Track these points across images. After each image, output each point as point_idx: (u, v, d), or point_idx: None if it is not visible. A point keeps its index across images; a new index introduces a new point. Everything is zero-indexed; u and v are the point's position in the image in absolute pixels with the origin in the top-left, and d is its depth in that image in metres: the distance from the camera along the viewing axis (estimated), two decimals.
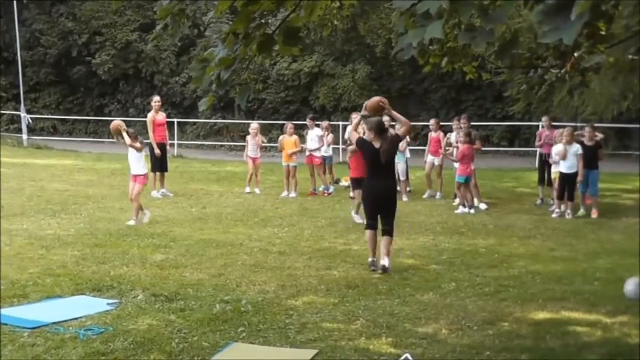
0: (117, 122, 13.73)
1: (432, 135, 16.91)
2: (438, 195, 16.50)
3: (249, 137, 17.47)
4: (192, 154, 27.04)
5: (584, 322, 7.08)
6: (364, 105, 9.58)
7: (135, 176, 12.85)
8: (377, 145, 9.26)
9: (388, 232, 9.40)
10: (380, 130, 9.41)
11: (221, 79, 4.11)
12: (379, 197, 9.45)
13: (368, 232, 9.53)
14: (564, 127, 15.02)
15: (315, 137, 17.32)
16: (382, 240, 9.31)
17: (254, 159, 17.14)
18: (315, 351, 6.12)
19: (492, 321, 7.06)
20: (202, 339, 6.45)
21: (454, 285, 8.49)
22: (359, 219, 12.49)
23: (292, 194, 16.63)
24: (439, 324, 6.99)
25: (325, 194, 16.93)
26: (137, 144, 13.11)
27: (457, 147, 15.30)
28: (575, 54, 6.81)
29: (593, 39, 6.08)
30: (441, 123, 17.96)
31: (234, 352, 6.16)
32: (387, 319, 7.12)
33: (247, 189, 16.89)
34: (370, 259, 9.38)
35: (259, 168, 17.30)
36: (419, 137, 25.18)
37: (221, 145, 30.79)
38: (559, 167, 14.18)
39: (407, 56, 3.32)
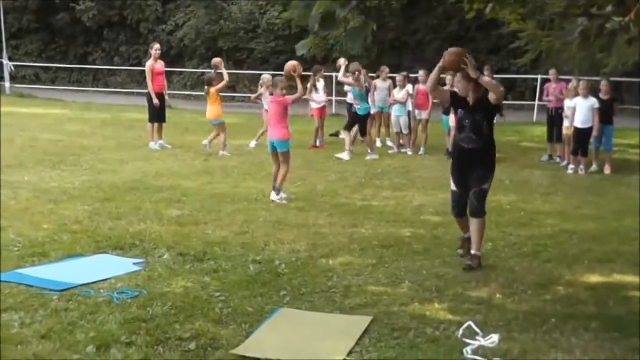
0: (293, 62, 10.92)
1: (420, 87, 16.33)
2: (422, 150, 16.05)
3: (262, 90, 16.51)
4: (181, 104, 26.41)
5: None
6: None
7: None
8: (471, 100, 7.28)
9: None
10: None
11: (337, 16, 3.59)
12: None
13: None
14: (573, 80, 14.63)
15: (322, 88, 16.86)
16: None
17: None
18: (369, 318, 5.73)
19: (544, 285, 6.70)
20: (245, 303, 6.03)
21: (490, 245, 8.08)
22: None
23: None
24: (490, 287, 6.61)
25: (323, 147, 16.56)
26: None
27: None
28: None
29: None
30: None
31: (283, 319, 5.76)
32: (434, 281, 6.74)
33: (254, 143, 16.30)
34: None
35: None
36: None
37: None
38: (574, 122, 13.82)
39: None
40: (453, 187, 7.52)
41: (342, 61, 15.62)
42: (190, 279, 6.64)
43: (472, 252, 7.29)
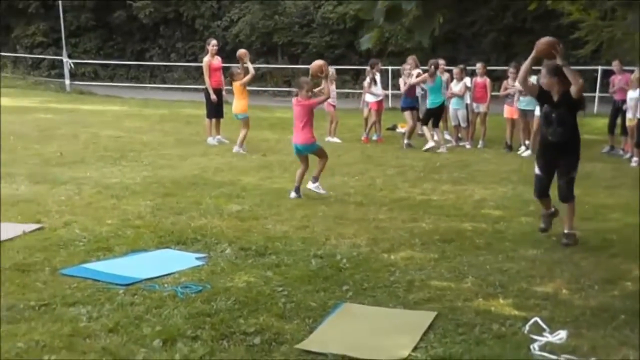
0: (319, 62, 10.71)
1: (478, 80, 16.22)
2: (481, 143, 15.92)
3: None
4: None
5: None
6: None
7: None
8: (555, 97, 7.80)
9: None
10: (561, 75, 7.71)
11: (403, 10, 3.56)
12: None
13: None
14: (636, 71, 14.31)
15: (380, 82, 16.87)
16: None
17: (334, 106, 16.69)
18: (434, 313, 5.68)
19: (613, 280, 6.56)
20: (308, 298, 6.02)
21: (554, 240, 8.00)
22: None
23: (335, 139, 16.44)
24: (556, 282, 6.51)
25: (381, 141, 16.56)
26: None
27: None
28: None
29: None
30: (492, 68, 17.42)
31: (346, 314, 5.74)
32: (498, 277, 6.65)
33: (337, 139, 16.45)
34: None
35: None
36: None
37: (265, 91, 30.22)
38: (637, 114, 13.55)
39: None
40: (537, 171, 8.09)
41: (412, 61, 15.98)
42: (253, 274, 6.65)
43: (566, 231, 7.91)
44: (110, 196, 9.95)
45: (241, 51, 15.36)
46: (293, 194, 10.15)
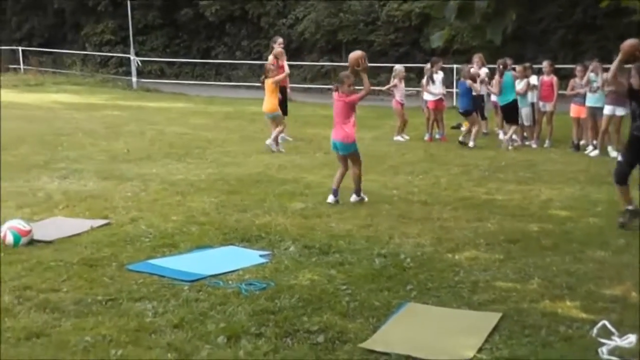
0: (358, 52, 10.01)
1: (544, 78, 15.94)
2: (547, 143, 15.65)
3: (396, 81, 16.73)
4: (300, 97, 26.50)
5: None
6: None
7: None
8: None
9: None
10: None
11: (476, 8, 3.53)
12: None
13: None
14: None
15: (440, 81, 16.70)
16: None
17: (402, 105, 16.67)
18: (499, 314, 5.61)
19: None
20: (372, 297, 6.01)
21: (623, 242, 7.82)
22: None
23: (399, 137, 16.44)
24: (625, 285, 6.36)
25: (444, 140, 16.45)
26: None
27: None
28: None
29: None
30: (560, 66, 17.11)
31: (410, 314, 5.70)
32: (565, 278, 6.53)
33: (400, 137, 16.48)
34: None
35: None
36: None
37: (328, 89, 30.19)
38: None
39: None
40: (620, 159, 8.67)
41: (478, 59, 16.00)
42: (317, 272, 6.66)
43: None
44: (175, 193, 10.09)
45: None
46: (331, 198, 9.66)
